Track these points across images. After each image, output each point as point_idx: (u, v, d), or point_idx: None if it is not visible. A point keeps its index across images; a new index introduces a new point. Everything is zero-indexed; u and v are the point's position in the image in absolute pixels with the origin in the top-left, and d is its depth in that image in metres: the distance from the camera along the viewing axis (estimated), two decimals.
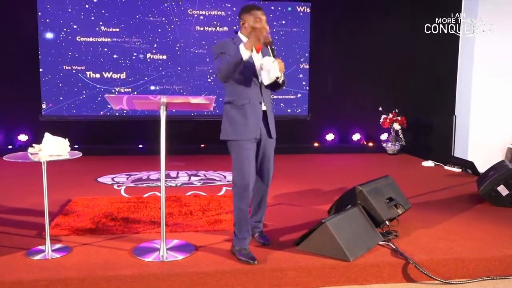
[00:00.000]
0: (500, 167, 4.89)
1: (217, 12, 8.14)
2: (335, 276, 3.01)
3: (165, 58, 8.07)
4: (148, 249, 3.23)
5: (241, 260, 3.06)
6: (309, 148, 8.42)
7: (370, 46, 8.40)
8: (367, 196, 3.59)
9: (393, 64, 8.43)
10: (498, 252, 3.30)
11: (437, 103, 8.47)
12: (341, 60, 8.42)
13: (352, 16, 8.34)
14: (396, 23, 8.31)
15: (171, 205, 4.42)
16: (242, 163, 3.13)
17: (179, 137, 7.53)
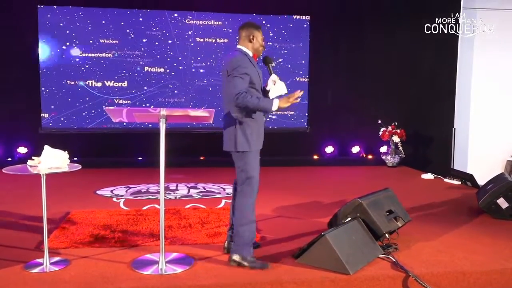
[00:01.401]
0: (499, 180, 4.89)
1: (214, 22, 8.18)
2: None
3: (164, 70, 8.10)
4: (147, 262, 3.22)
5: (256, 267, 3.15)
6: (308, 161, 8.41)
7: (369, 58, 8.45)
8: (366, 208, 3.59)
9: (392, 76, 8.47)
10: (499, 265, 3.29)
11: (436, 116, 8.49)
12: (340, 72, 8.46)
13: (351, 28, 8.40)
14: (395, 37, 8.36)
15: (170, 218, 4.41)
16: (257, 172, 3.33)
17: (179, 150, 7.53)
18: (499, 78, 8.96)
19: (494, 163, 8.76)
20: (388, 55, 8.45)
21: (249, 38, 3.37)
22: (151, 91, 8.07)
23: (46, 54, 7.75)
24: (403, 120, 8.29)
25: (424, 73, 8.51)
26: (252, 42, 3.37)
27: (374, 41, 8.42)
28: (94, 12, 7.83)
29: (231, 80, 3.18)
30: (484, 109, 8.99)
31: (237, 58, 3.24)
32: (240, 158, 3.34)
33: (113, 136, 8.00)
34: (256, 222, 4.20)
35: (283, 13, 8.37)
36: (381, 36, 8.39)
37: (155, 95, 8.08)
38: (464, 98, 8.81)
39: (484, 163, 8.56)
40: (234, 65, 3.19)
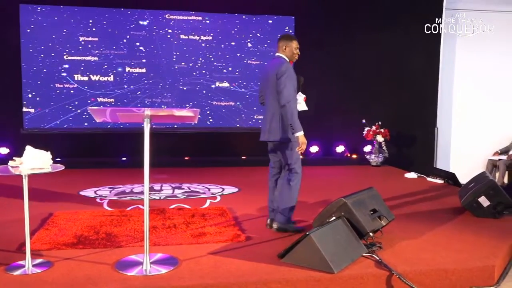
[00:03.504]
0: (481, 179, 4.96)
1: (198, 21, 8.16)
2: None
3: (147, 70, 8.06)
4: (131, 263, 3.19)
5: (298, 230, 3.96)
6: None
7: (353, 59, 8.50)
8: (351, 208, 3.61)
9: (376, 77, 8.54)
10: (480, 263, 3.33)
11: (419, 116, 8.59)
12: (325, 73, 8.50)
13: (335, 29, 8.44)
14: (379, 38, 8.43)
15: (155, 218, 4.39)
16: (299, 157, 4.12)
17: (163, 150, 7.50)
18: (480, 79, 9.10)
19: (476, 162, 8.89)
20: (372, 56, 8.51)
21: (283, 48, 4.10)
22: (135, 91, 8.03)
23: (28, 53, 7.65)
24: (387, 120, 8.37)
25: (407, 73, 8.60)
26: (285, 51, 4.09)
27: (359, 42, 8.48)
28: (76, 10, 7.76)
29: (282, 82, 3.88)
30: (465, 109, 9.13)
31: (286, 65, 3.97)
32: (288, 146, 4.05)
33: (97, 136, 7.94)
34: (242, 222, 4.31)
35: (267, 13, 8.39)
36: (365, 37, 8.45)
37: (139, 95, 8.03)
38: (447, 98, 8.93)
39: (466, 162, 8.69)
40: (284, 70, 3.91)
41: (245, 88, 8.43)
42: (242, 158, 8.34)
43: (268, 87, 4.05)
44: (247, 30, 8.36)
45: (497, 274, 3.35)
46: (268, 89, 4.06)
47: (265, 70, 4.17)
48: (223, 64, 8.32)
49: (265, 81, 4.11)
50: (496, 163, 8.89)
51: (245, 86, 8.43)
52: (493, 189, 4.62)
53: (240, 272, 3.08)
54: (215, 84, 8.32)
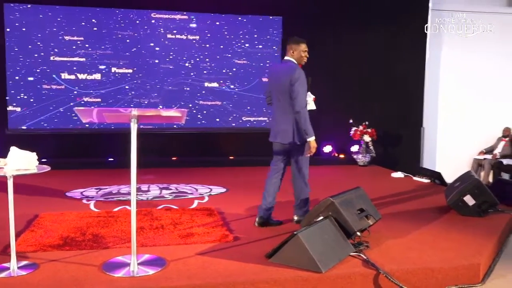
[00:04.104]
0: (466, 178, 5.02)
1: (185, 21, 8.12)
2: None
3: (134, 70, 8.01)
4: (118, 264, 3.17)
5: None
6: None
7: (340, 59, 8.54)
8: (338, 207, 3.62)
9: (363, 77, 8.58)
10: (466, 261, 3.37)
11: (406, 116, 8.65)
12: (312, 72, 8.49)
13: (323, 29, 8.46)
14: (366, 38, 8.48)
15: (142, 219, 4.36)
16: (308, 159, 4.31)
17: (151, 150, 7.46)
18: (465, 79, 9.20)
19: (461, 161, 8.99)
20: (358, 56, 8.55)
21: (291, 52, 4.20)
22: (122, 91, 7.97)
23: (13, 52, 7.56)
24: (374, 120, 8.42)
25: (394, 74, 8.64)
26: (294, 55, 4.20)
27: (346, 42, 8.52)
28: (61, 9, 7.68)
29: (295, 89, 4.04)
30: (451, 109, 9.22)
31: (298, 71, 4.10)
32: (297, 149, 4.22)
33: (83, 136, 7.87)
34: (230, 222, 4.33)
35: (255, 13, 8.39)
36: (352, 37, 8.49)
37: (126, 95, 7.98)
38: (433, 98, 9.01)
39: (452, 162, 8.78)
40: (297, 76, 4.06)
41: (233, 88, 8.42)
42: (230, 158, 8.33)
43: (279, 90, 4.17)
44: (234, 30, 8.34)
45: (483, 272, 3.39)
46: (279, 92, 4.19)
47: (275, 73, 4.29)
48: (210, 64, 8.30)
49: (275, 84, 4.23)
50: (481, 162, 9.00)
51: (233, 86, 8.41)
52: (478, 188, 4.68)
53: (228, 272, 3.08)
54: (203, 84, 8.30)
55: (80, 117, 3.25)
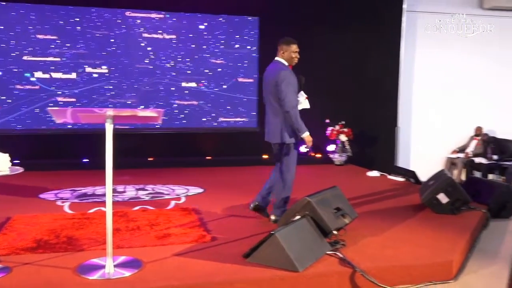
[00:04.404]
0: (440, 176, 5.11)
1: (161, 21, 8.06)
2: (285, 287, 3.03)
3: (109, 70, 7.91)
4: (93, 267, 3.13)
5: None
6: (258, 160, 8.46)
7: (317, 59, 8.58)
8: (315, 207, 3.65)
9: (339, 77, 8.65)
10: (440, 258, 3.43)
11: (381, 116, 8.75)
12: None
13: (299, 30, 8.46)
14: (342, 38, 8.54)
15: (118, 221, 4.31)
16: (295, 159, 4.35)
17: (126, 151, 7.38)
18: (439, 79, 9.37)
19: (435, 160, 9.15)
20: (335, 55, 8.62)
21: (281, 52, 4.31)
22: (97, 91, 7.86)
23: None
24: (350, 120, 8.50)
25: (370, 73, 8.74)
26: (284, 55, 4.30)
27: (322, 42, 8.57)
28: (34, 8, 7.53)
29: (282, 90, 4.11)
30: (425, 109, 9.38)
31: (285, 71, 4.19)
32: (287, 149, 4.29)
33: (57, 137, 7.73)
34: (207, 223, 4.33)
35: (232, 13, 8.38)
36: (329, 37, 8.55)
37: (102, 95, 7.87)
38: (407, 98, 9.14)
39: (426, 161, 8.92)
40: (283, 77, 4.14)
41: (210, 88, 8.39)
42: (207, 159, 8.31)
43: (267, 91, 4.31)
44: (211, 30, 8.31)
45: (456, 268, 3.46)
46: (267, 93, 4.32)
47: (266, 74, 4.39)
48: (187, 63, 8.25)
49: (264, 84, 4.38)
50: (454, 161, 9.17)
51: (209, 86, 8.39)
52: (451, 186, 4.77)
53: (205, 272, 3.07)
54: (179, 83, 8.24)
55: (54, 117, 3.20)
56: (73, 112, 3.09)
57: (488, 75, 9.62)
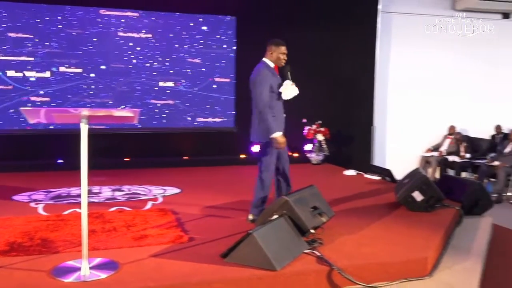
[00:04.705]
0: (414, 175, 5.19)
1: (131, 14, 7.95)
2: (262, 286, 3.03)
3: (84, 69, 7.79)
4: (69, 269, 3.08)
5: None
6: (236, 160, 8.46)
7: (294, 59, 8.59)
8: (292, 206, 3.67)
9: (316, 76, 8.70)
10: (415, 255, 3.49)
11: (357, 115, 8.84)
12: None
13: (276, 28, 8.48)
14: (318, 37, 8.60)
15: (94, 222, 4.25)
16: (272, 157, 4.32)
17: (102, 151, 7.28)
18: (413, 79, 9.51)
19: (410, 159, 9.30)
20: (312, 55, 8.67)
21: (269, 53, 4.39)
22: (72, 91, 7.74)
23: None
24: (327, 119, 8.56)
25: (346, 73, 8.82)
26: (272, 56, 4.38)
27: (299, 41, 8.59)
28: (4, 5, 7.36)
29: (256, 90, 4.23)
30: (400, 109, 9.51)
31: (260, 71, 4.27)
32: (261, 148, 4.39)
33: (31, 137, 7.58)
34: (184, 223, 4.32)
35: (208, 13, 8.35)
36: (305, 36, 8.59)
37: (77, 94, 7.75)
38: (382, 98, 9.25)
39: (401, 159, 9.05)
40: (257, 78, 4.25)
41: (187, 88, 8.34)
42: (184, 159, 8.26)
43: (250, 91, 4.42)
44: (188, 29, 8.27)
45: (430, 264, 3.52)
46: (250, 93, 4.42)
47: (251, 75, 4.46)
48: (163, 63, 8.19)
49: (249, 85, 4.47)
50: (429, 160, 9.34)
51: (186, 86, 8.34)
52: (425, 184, 4.85)
53: (183, 273, 3.06)
54: (155, 83, 8.18)
55: (27, 117, 3.13)
56: (47, 112, 3.04)
57: (461, 75, 9.82)
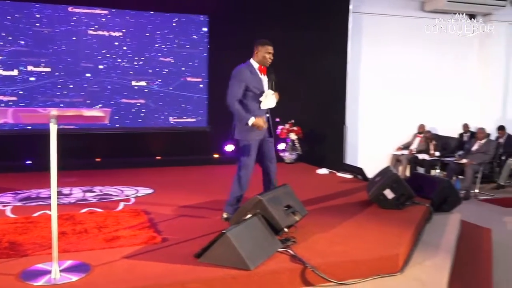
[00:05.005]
0: (385, 173, 5.27)
1: (101, 12, 7.81)
2: (237, 285, 3.03)
3: (53, 68, 7.63)
4: (38, 272, 3.01)
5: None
6: (209, 160, 8.43)
7: None
8: (266, 205, 3.67)
9: (288, 76, 8.72)
10: (387, 252, 3.54)
11: (330, 114, 8.93)
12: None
13: (249, 28, 8.50)
14: (291, 37, 8.63)
15: (64, 224, 4.17)
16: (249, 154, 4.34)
17: (72, 152, 7.15)
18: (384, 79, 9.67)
19: (381, 157, 9.46)
20: (284, 55, 8.65)
21: (255, 52, 4.45)
22: (41, 90, 7.56)
23: None
24: (300, 118, 8.61)
25: (318, 73, 8.89)
26: (257, 56, 4.45)
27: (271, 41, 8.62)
28: None
29: (229, 84, 4.29)
30: (371, 108, 9.66)
31: (238, 68, 4.36)
32: (236, 144, 4.44)
33: None
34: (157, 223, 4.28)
35: (180, 11, 8.28)
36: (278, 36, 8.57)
37: (46, 94, 7.58)
38: (354, 97, 9.39)
39: (372, 158, 9.20)
40: (233, 74, 4.33)
41: (159, 87, 8.26)
42: (157, 159, 8.19)
43: None
44: (159, 28, 8.18)
45: (401, 261, 3.58)
46: None
47: None
48: (134, 62, 8.08)
49: None
50: (399, 158, 9.52)
51: (158, 85, 8.26)
52: (396, 182, 4.93)
53: (156, 274, 3.03)
54: (127, 82, 8.06)
55: None
56: (15, 112, 2.97)
57: (430, 75, 10.04)
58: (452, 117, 10.14)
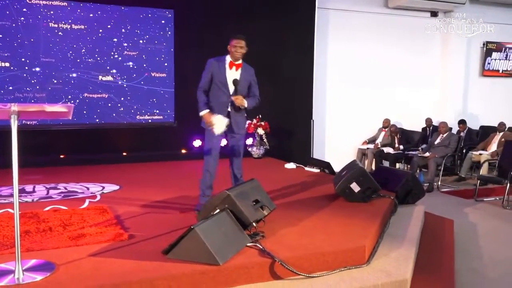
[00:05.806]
0: (352, 167, 5.36)
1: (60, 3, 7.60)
2: (206, 281, 3.03)
3: (11, 63, 7.40)
4: (1, 272, 2.93)
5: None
6: (176, 155, 8.37)
7: None
8: (234, 200, 3.68)
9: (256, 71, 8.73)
10: (353, 244, 3.61)
11: (297, 109, 9.00)
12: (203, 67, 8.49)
13: (215, 23, 8.48)
14: (258, 32, 8.62)
15: (27, 222, 4.06)
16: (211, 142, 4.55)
17: (35, 148, 6.97)
18: (350, 74, 9.80)
19: (347, 151, 9.60)
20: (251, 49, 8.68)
21: (228, 47, 4.55)
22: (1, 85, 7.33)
23: None
24: (267, 113, 8.64)
25: (285, 68, 8.93)
26: (229, 50, 4.59)
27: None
28: None
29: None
30: (337, 103, 9.79)
31: (208, 60, 4.61)
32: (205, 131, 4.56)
33: None
34: (124, 220, 4.22)
35: (145, 5, 8.16)
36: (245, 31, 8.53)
37: (5, 90, 7.35)
38: (321, 92, 9.48)
39: (339, 152, 9.33)
40: (205, 66, 4.57)
41: (124, 82, 8.13)
42: (123, 155, 8.07)
43: None
44: (123, 22, 8.04)
45: (368, 253, 3.65)
46: None
47: None
48: (99, 57, 7.93)
49: None
50: (365, 152, 9.67)
51: (123, 80, 8.13)
52: (362, 176, 5.02)
53: (123, 271, 2.99)
54: (91, 77, 7.90)
55: None
56: None
57: (395, 70, 10.24)
58: (415, 112, 10.38)
